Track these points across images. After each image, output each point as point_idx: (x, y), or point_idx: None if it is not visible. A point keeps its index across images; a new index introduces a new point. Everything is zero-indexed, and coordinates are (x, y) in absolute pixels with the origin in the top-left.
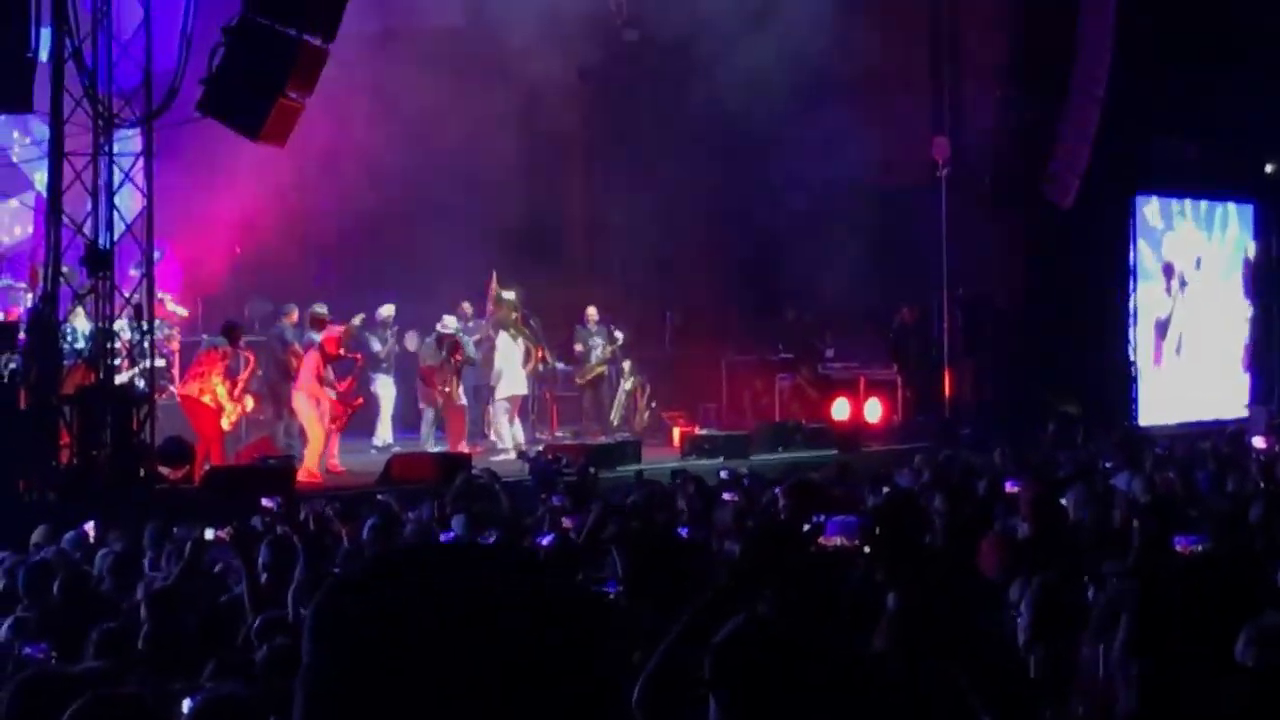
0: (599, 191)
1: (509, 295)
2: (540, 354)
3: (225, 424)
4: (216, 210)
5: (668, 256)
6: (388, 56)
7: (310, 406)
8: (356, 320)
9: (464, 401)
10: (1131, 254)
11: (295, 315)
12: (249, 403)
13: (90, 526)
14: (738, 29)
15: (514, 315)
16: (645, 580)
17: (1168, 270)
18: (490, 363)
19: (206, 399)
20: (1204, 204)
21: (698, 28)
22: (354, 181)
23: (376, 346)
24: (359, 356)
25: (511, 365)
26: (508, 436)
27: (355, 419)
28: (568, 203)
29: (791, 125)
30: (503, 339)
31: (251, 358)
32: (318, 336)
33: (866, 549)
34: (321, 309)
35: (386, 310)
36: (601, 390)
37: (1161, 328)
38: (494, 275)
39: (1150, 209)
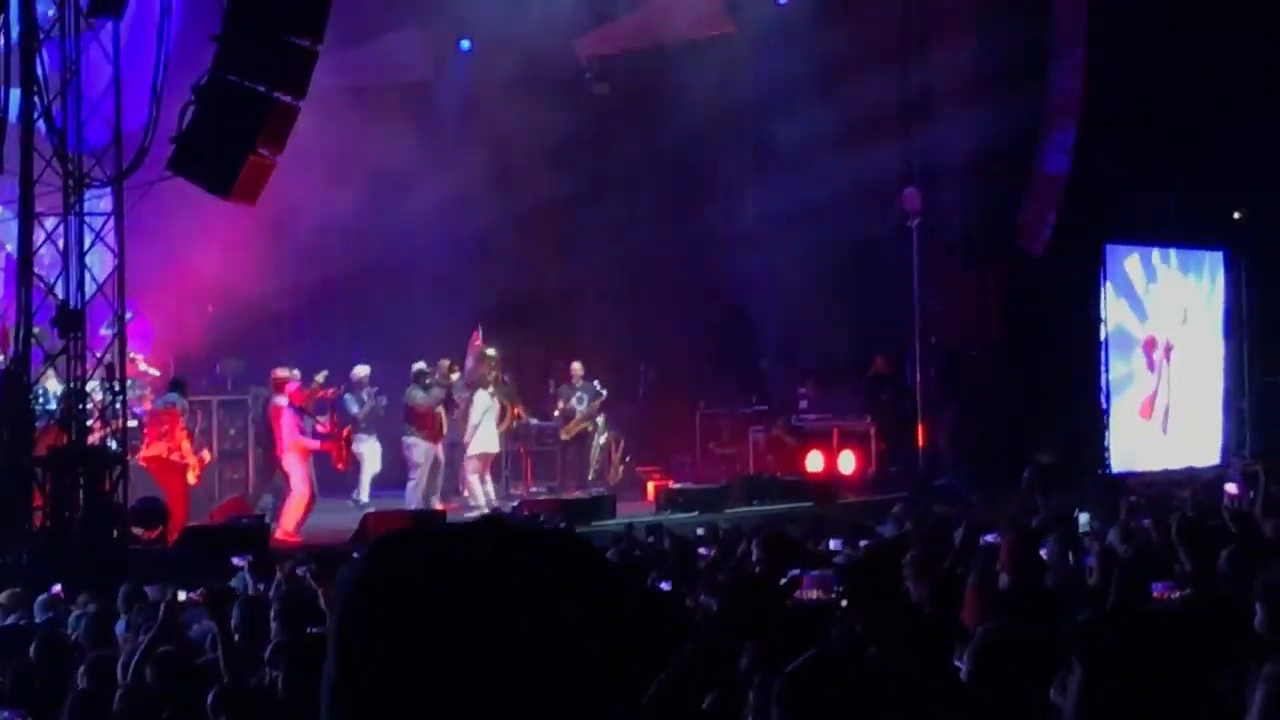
0: (570, 247)
1: (492, 352)
2: (515, 412)
3: (191, 478)
4: (188, 270)
5: (640, 310)
6: (358, 115)
7: (300, 464)
8: (320, 377)
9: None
10: (1102, 303)
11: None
12: (206, 455)
13: (58, 588)
14: (706, 83)
15: (493, 374)
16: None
17: (1148, 346)
18: (466, 419)
19: (175, 457)
20: (1180, 252)
21: (666, 82)
22: (327, 241)
23: (354, 408)
24: (332, 419)
25: (488, 423)
26: (480, 494)
27: (337, 479)
28: (539, 259)
29: (762, 176)
30: (480, 396)
31: (198, 411)
32: (283, 399)
33: (844, 602)
34: (283, 372)
35: (361, 371)
36: (585, 445)
37: (1149, 400)
38: (479, 331)
39: (1131, 263)
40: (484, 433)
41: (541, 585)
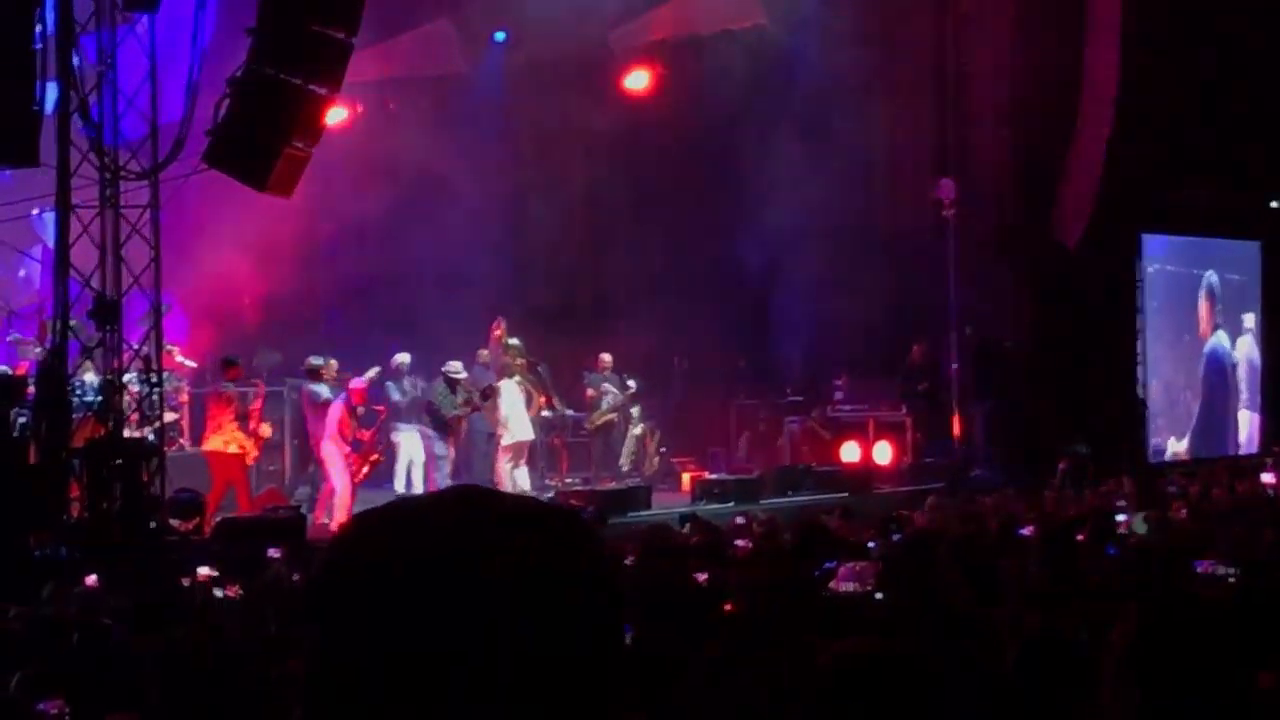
0: (605, 239)
1: (515, 342)
2: (545, 399)
3: (249, 460)
4: (225, 262)
5: (674, 301)
6: (393, 107)
7: (338, 456)
8: (372, 372)
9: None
10: (1139, 293)
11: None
12: (266, 429)
13: (93, 579)
14: (740, 75)
15: (519, 361)
16: (656, 625)
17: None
18: (496, 409)
19: (233, 448)
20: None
21: (699, 72)
22: (363, 233)
23: (396, 396)
24: (383, 409)
25: (517, 412)
26: (508, 483)
27: (374, 471)
28: (574, 251)
29: (798, 168)
30: (508, 386)
31: (261, 385)
32: (325, 391)
33: (879, 595)
34: (318, 360)
35: (402, 358)
36: (612, 436)
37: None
38: (501, 321)
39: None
40: (515, 422)
41: (513, 553)
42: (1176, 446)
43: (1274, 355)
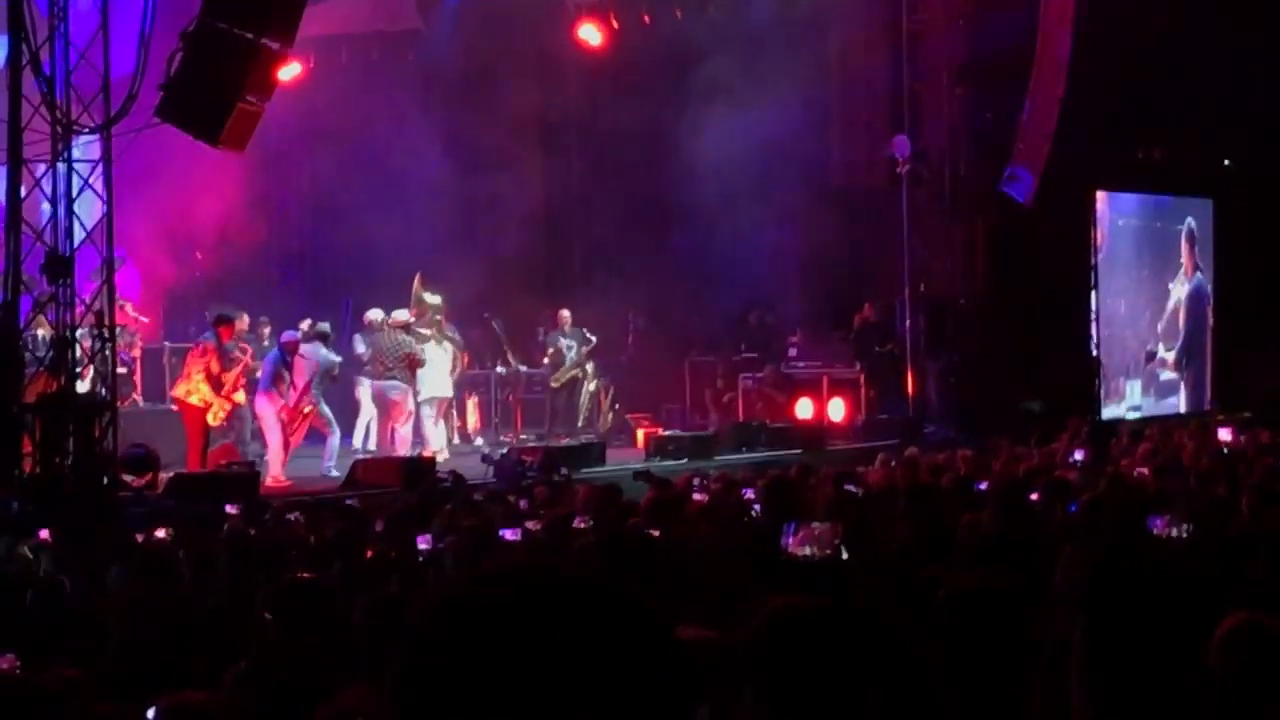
0: (556, 194)
1: (432, 299)
2: (466, 360)
3: (212, 419)
4: (178, 217)
5: (627, 258)
6: (346, 63)
7: (271, 411)
8: (305, 325)
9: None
10: (1092, 252)
11: (245, 322)
12: (239, 397)
13: (45, 534)
14: (692, 26)
15: (436, 319)
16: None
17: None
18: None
19: (194, 399)
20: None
21: (652, 26)
22: (317, 189)
23: (361, 348)
24: (313, 365)
25: (436, 368)
26: (434, 438)
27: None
28: (529, 208)
29: (751, 124)
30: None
31: (248, 350)
32: (284, 337)
33: (845, 556)
34: (231, 313)
35: (374, 314)
36: (575, 392)
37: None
38: (418, 277)
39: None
40: (434, 378)
41: (587, 645)
42: (1138, 401)
43: (1226, 313)
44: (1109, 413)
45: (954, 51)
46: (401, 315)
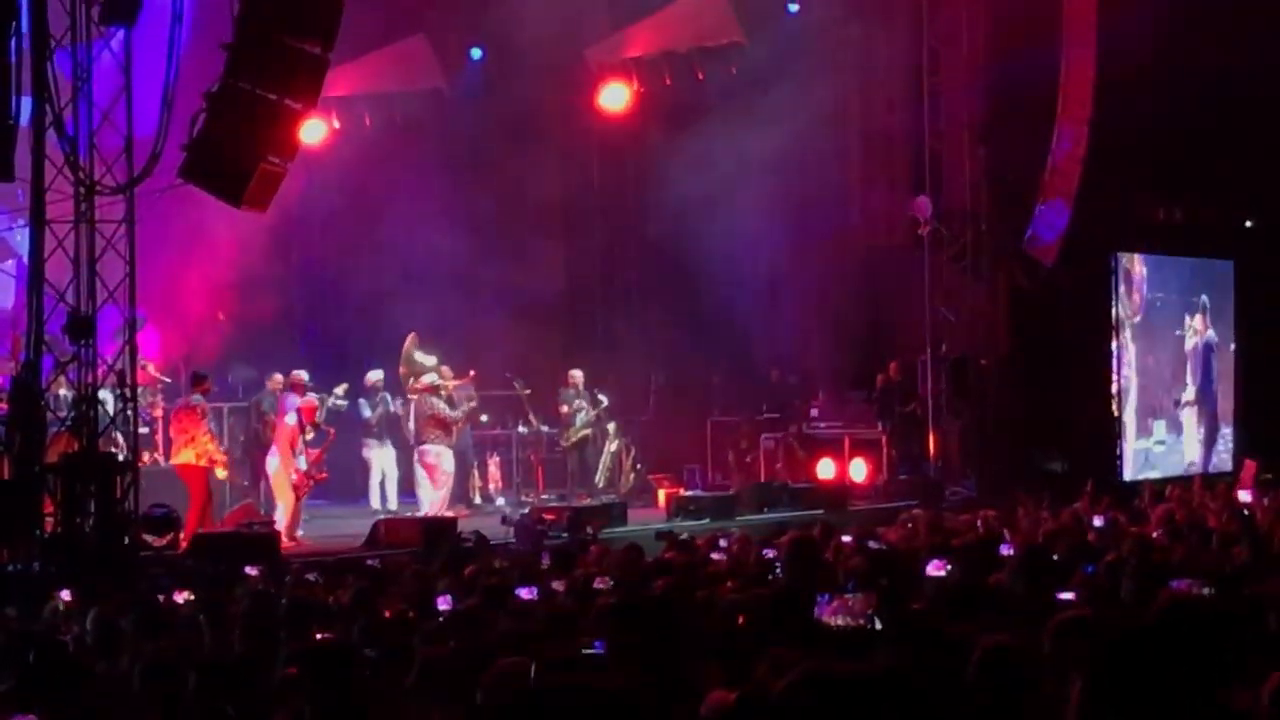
0: (578, 256)
1: (425, 358)
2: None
3: (220, 474)
4: (200, 277)
5: (648, 317)
6: (369, 122)
7: (283, 473)
8: (340, 390)
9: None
10: (1114, 309)
11: (278, 381)
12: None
13: (66, 594)
14: (715, 92)
15: (426, 379)
16: (632, 641)
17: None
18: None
19: (203, 461)
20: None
21: (675, 90)
22: (340, 248)
23: (367, 413)
24: (332, 430)
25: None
26: (424, 498)
27: (344, 487)
28: (550, 267)
29: (774, 184)
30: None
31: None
32: (299, 400)
33: (878, 625)
34: (303, 374)
35: (374, 376)
36: (587, 452)
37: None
38: (411, 337)
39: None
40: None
41: None
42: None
43: (1248, 374)
44: (1137, 447)
45: (975, 110)
46: (429, 379)
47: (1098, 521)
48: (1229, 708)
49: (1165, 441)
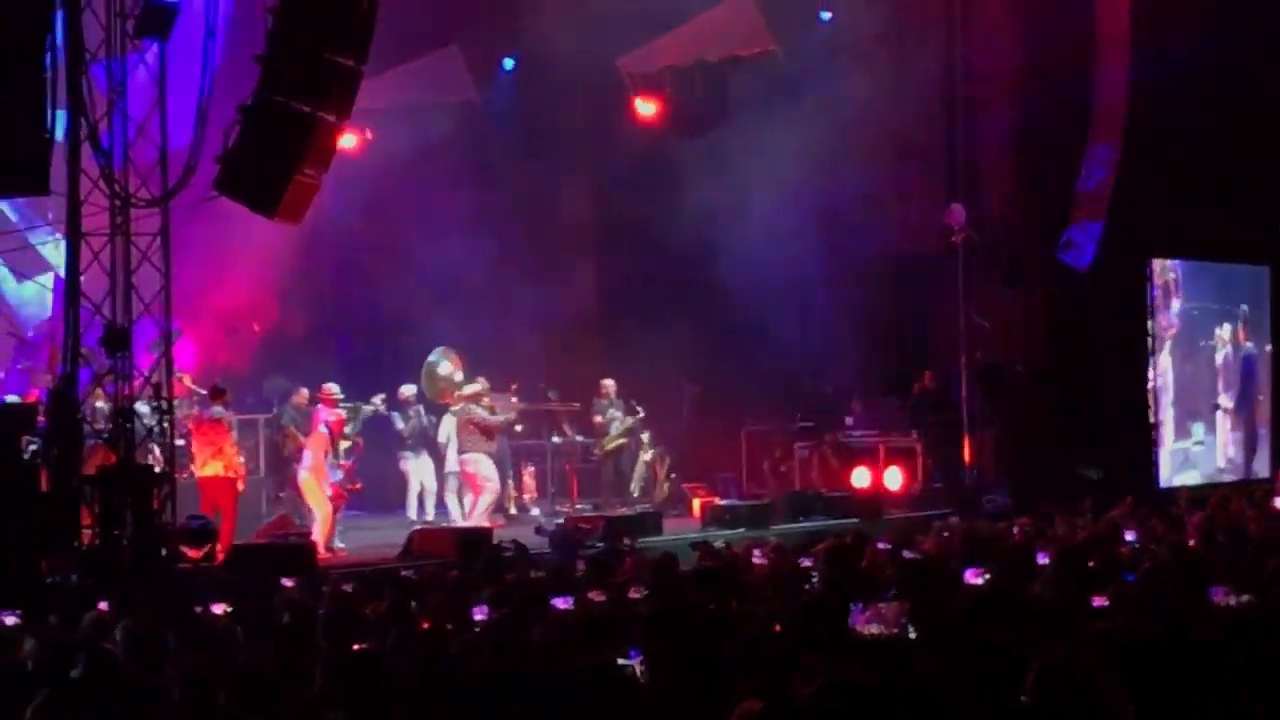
0: (610, 264)
1: (444, 371)
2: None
3: (239, 486)
4: (234, 289)
5: (683, 328)
6: (402, 134)
7: (316, 485)
8: (378, 399)
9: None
10: (1150, 318)
11: (304, 396)
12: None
13: (104, 605)
14: (747, 101)
15: (456, 392)
16: (668, 650)
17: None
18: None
19: (230, 474)
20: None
21: (710, 97)
22: (373, 259)
23: (400, 425)
24: (360, 441)
25: (452, 444)
26: (454, 510)
27: (381, 499)
28: (583, 275)
29: (807, 193)
30: (446, 417)
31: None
32: (329, 414)
33: (912, 634)
34: (333, 387)
35: (408, 389)
36: (622, 462)
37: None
38: (437, 353)
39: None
40: (451, 451)
41: None
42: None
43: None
44: (1175, 447)
45: (1009, 118)
46: (472, 387)
47: (1134, 530)
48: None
49: (1204, 442)
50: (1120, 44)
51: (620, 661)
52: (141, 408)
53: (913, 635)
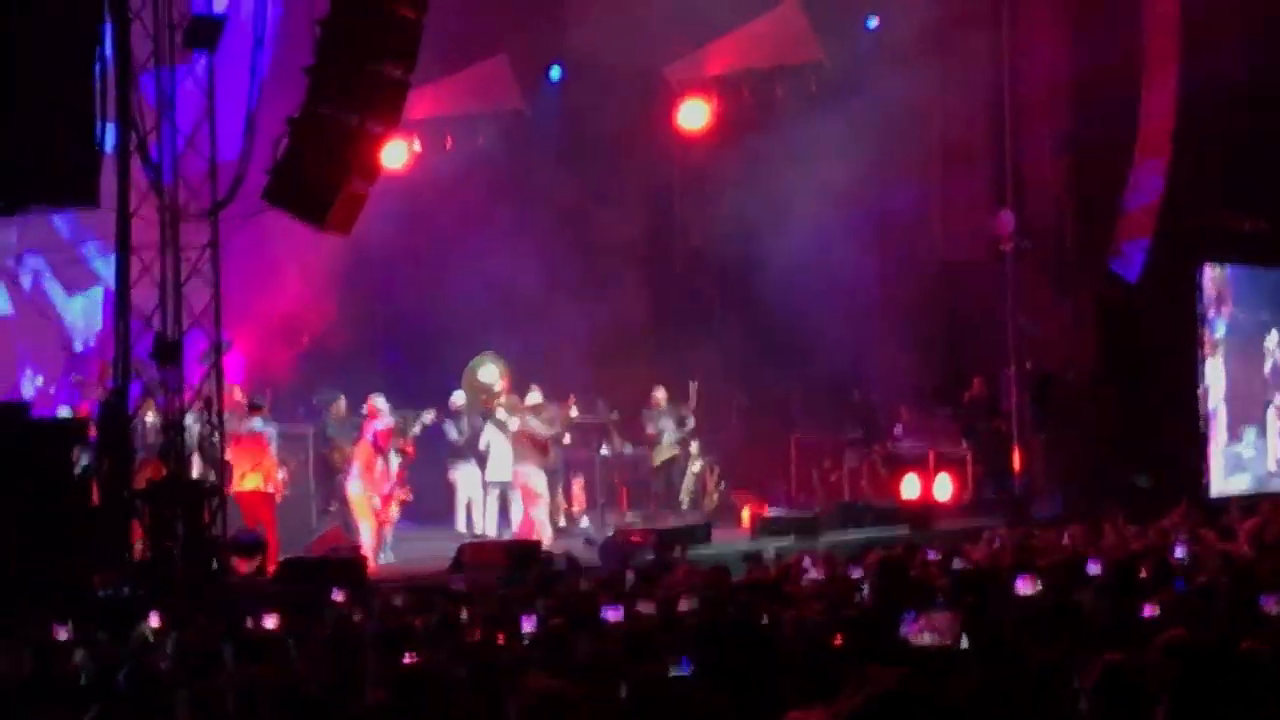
0: (658, 275)
1: (485, 379)
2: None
3: (277, 499)
4: (284, 301)
5: (731, 338)
6: (451, 144)
7: (364, 498)
8: (428, 416)
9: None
10: (1199, 325)
11: (342, 406)
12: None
13: (155, 618)
14: (794, 110)
15: (496, 401)
16: (718, 661)
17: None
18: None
19: (269, 487)
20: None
21: (755, 108)
22: (423, 270)
23: (454, 434)
24: (410, 450)
25: (494, 452)
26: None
27: (432, 510)
28: (631, 287)
29: (855, 201)
30: (487, 426)
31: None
32: (379, 425)
33: (964, 644)
34: (380, 399)
35: (458, 397)
36: (673, 473)
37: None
38: (484, 354)
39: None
40: (493, 463)
41: None
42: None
43: None
44: (1229, 451)
45: (1057, 123)
46: (531, 398)
47: (1184, 539)
48: None
49: (1256, 447)
50: (1170, 59)
51: (672, 673)
52: (191, 421)
53: (965, 646)
